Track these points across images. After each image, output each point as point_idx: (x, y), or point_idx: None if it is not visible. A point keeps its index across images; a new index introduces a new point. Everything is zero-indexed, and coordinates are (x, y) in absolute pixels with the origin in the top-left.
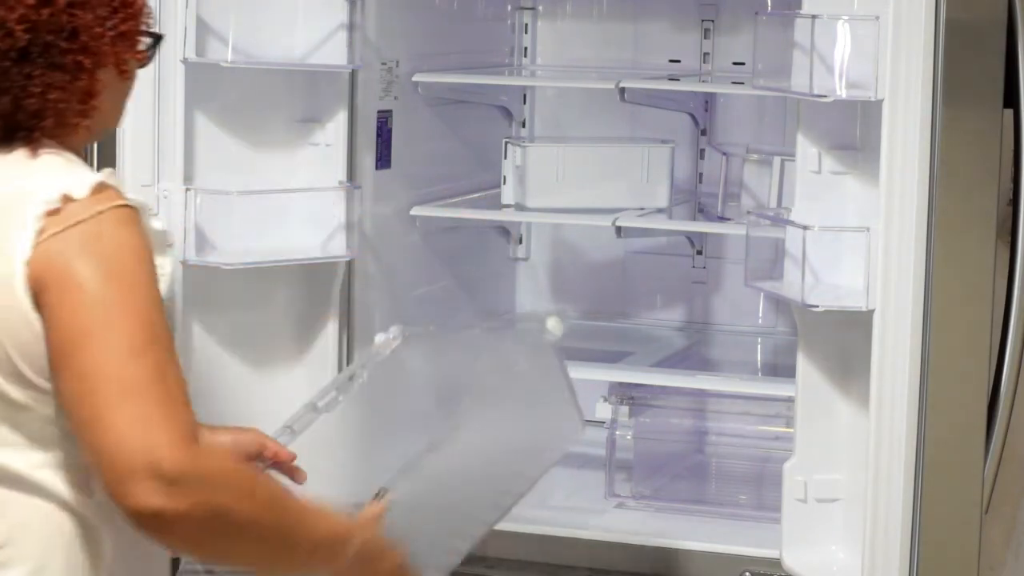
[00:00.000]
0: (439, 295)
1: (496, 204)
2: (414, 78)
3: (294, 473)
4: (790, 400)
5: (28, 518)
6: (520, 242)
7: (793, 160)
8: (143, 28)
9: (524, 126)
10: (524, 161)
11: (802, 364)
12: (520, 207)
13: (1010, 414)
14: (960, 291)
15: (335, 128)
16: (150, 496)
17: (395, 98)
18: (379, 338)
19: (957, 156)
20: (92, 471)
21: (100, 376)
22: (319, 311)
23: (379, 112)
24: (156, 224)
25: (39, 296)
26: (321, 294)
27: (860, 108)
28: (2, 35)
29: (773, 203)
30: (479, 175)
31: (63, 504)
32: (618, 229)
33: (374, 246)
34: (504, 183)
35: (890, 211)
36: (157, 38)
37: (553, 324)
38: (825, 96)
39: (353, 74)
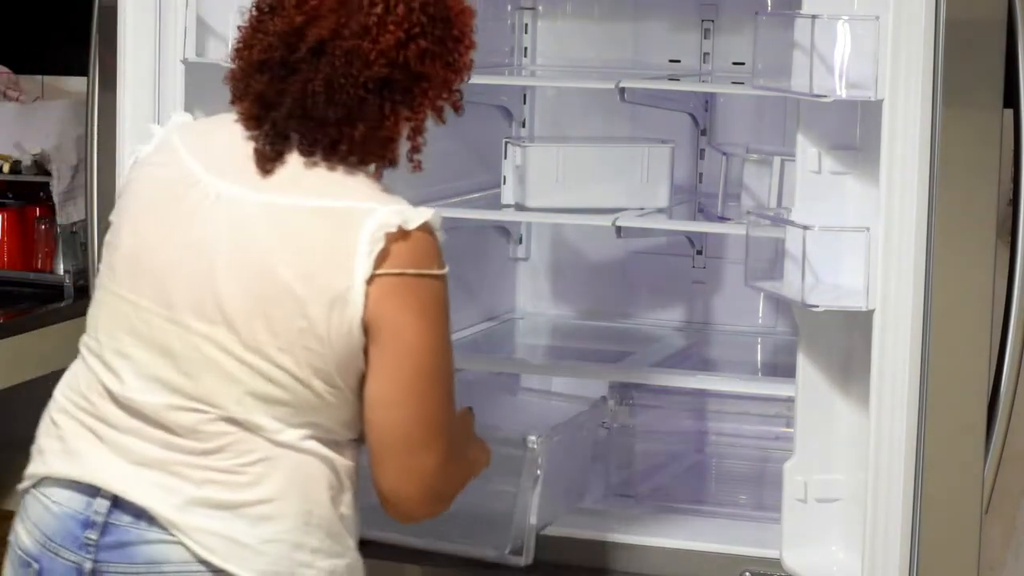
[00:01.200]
0: None
1: (496, 204)
2: None
3: None
4: (790, 400)
5: (294, 476)
6: (520, 242)
7: (793, 160)
8: (463, 80)
9: (524, 126)
10: (524, 161)
11: (802, 364)
12: (520, 207)
13: (1010, 414)
14: (960, 291)
15: None
16: (428, 510)
17: None
18: None
19: (957, 156)
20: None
21: (429, 412)
22: None
23: None
24: (442, 234)
25: (368, 325)
26: None
27: (860, 108)
28: (362, 65)
29: (773, 203)
30: (479, 175)
31: (324, 460)
32: (618, 229)
33: None
34: (504, 183)
35: (890, 211)
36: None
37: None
38: (825, 96)
39: None
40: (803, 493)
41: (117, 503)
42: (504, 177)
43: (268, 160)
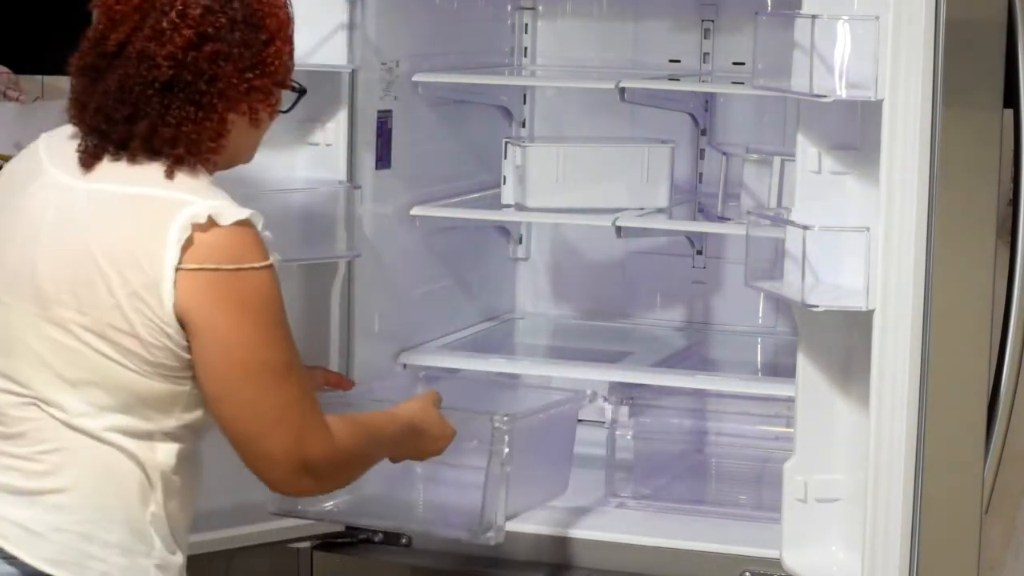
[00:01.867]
0: (439, 295)
1: (496, 204)
2: (414, 78)
3: (347, 387)
4: (790, 400)
5: (92, 469)
6: (520, 242)
7: (793, 160)
8: (281, 84)
9: (524, 126)
10: (524, 161)
11: (802, 364)
12: (520, 207)
13: (1010, 414)
14: (960, 291)
15: (335, 128)
16: (304, 487)
17: (395, 98)
18: None
19: (957, 156)
20: (252, 465)
21: (257, 403)
22: (319, 311)
23: (379, 112)
24: (267, 233)
25: (184, 319)
26: (321, 294)
27: (860, 108)
28: (149, 66)
29: (773, 203)
30: (479, 175)
31: (130, 456)
32: (618, 229)
33: (374, 246)
34: (504, 183)
35: (890, 211)
36: (300, 93)
37: None
38: (825, 96)
39: (353, 74)
40: (803, 493)
41: None
42: (504, 177)
43: (88, 156)
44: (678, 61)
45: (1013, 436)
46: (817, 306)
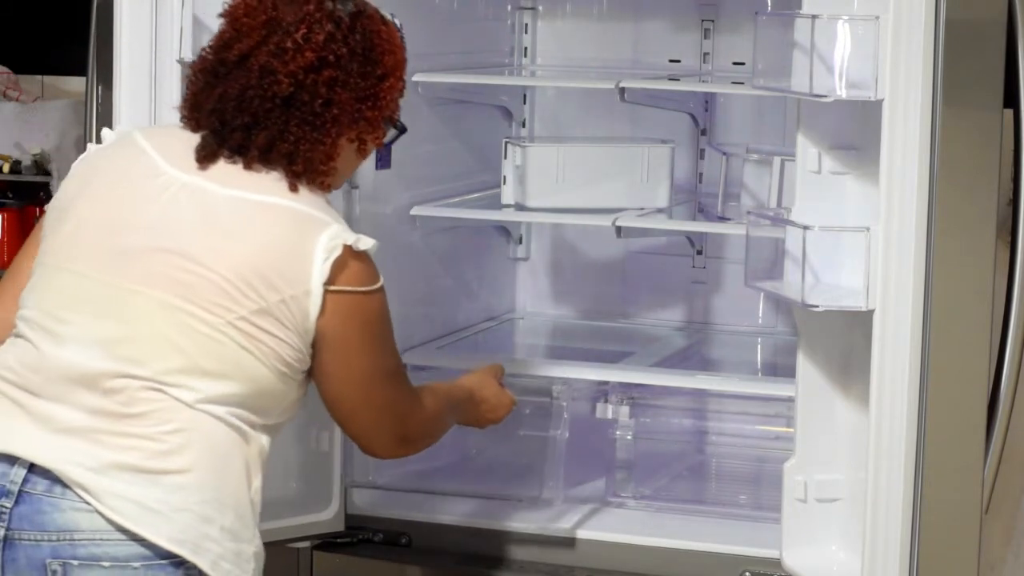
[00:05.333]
0: (439, 295)
1: (496, 204)
2: (414, 78)
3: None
4: (790, 400)
5: (211, 450)
6: (520, 242)
7: (793, 160)
8: (389, 120)
9: (524, 126)
10: (524, 161)
11: (802, 364)
12: (520, 207)
13: (1010, 414)
14: (960, 291)
15: None
16: (401, 453)
17: None
18: None
19: (957, 156)
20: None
21: (373, 400)
22: None
23: None
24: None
25: (320, 332)
26: None
27: (860, 108)
28: (270, 81)
29: (773, 203)
30: (479, 175)
31: (243, 436)
32: (618, 229)
33: None
34: (504, 183)
35: (890, 211)
36: (401, 131)
37: None
38: (825, 96)
39: None
40: (803, 493)
41: (33, 471)
42: (504, 177)
43: (205, 154)
44: (678, 61)
45: (1013, 436)
46: (817, 306)
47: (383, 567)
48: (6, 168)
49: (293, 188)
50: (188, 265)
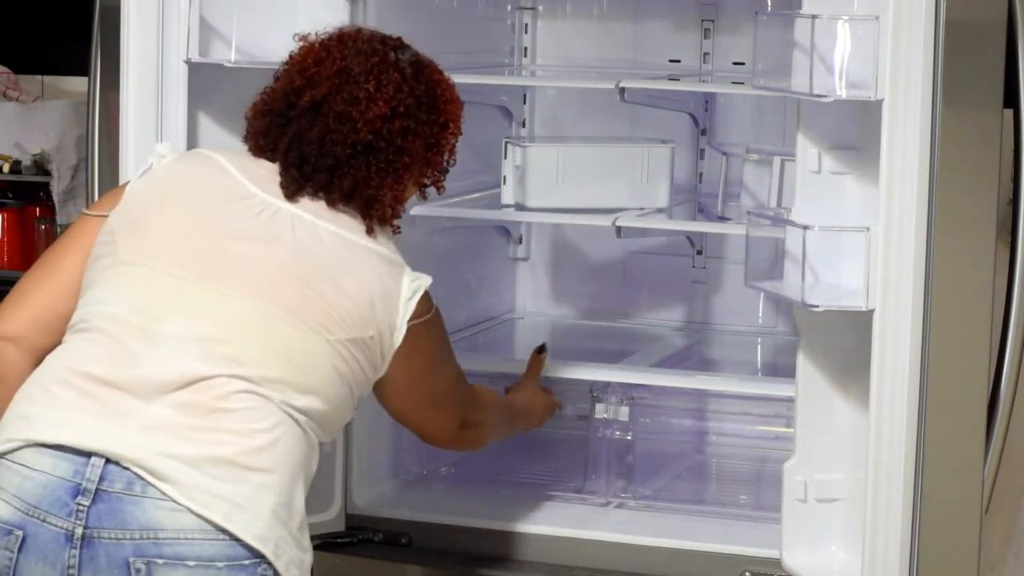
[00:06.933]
0: (439, 295)
1: (496, 204)
2: None
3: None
4: (790, 400)
5: (290, 452)
6: (520, 242)
7: (793, 160)
8: (447, 161)
9: (524, 126)
10: (524, 161)
11: (802, 364)
12: (520, 207)
13: (1010, 414)
14: (960, 291)
15: None
16: (451, 445)
17: None
18: None
19: (957, 156)
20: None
21: (439, 406)
22: None
23: None
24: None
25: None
26: None
27: (860, 108)
28: (350, 128)
29: (773, 203)
30: (479, 175)
31: (312, 447)
32: (618, 229)
33: None
34: (504, 183)
35: (890, 211)
36: (445, 171)
37: None
38: (825, 96)
39: None
40: (803, 493)
41: (112, 468)
42: (504, 177)
43: (291, 187)
44: (678, 61)
45: (1013, 436)
46: (817, 306)
47: (383, 567)
48: (6, 168)
49: (370, 231)
50: (296, 283)
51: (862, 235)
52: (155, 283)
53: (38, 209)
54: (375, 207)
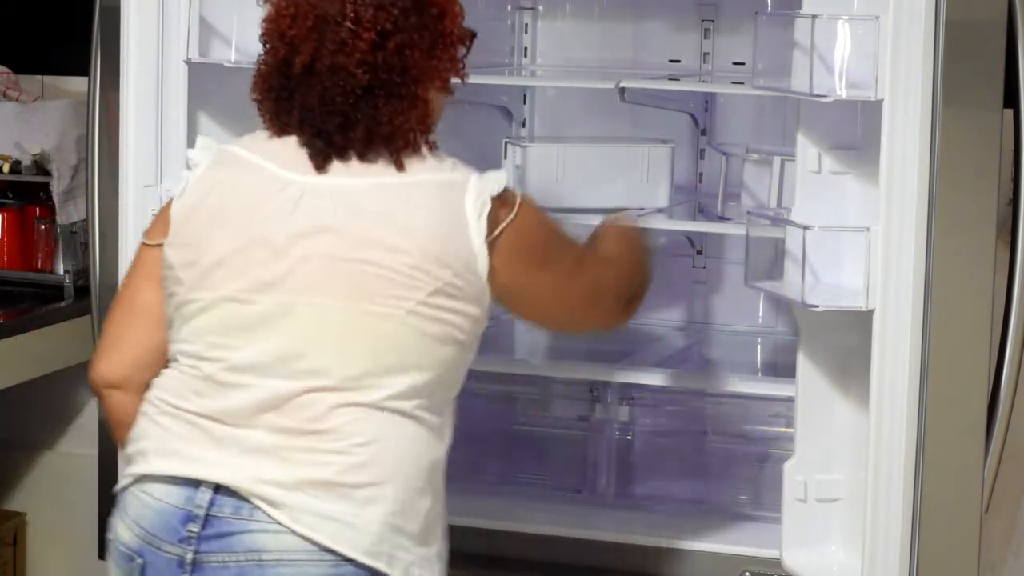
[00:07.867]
0: None
1: None
2: None
3: None
4: (790, 400)
5: (400, 458)
6: None
7: (793, 160)
8: (461, 43)
9: (524, 126)
10: (524, 161)
11: (802, 364)
12: None
13: (1010, 414)
14: (960, 291)
15: None
16: (621, 320)
17: None
18: None
19: (957, 156)
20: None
21: (585, 297)
22: None
23: None
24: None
25: (498, 280)
26: None
27: (860, 108)
28: (344, 76)
29: (773, 203)
30: None
31: (431, 430)
32: None
33: None
34: None
35: (890, 211)
36: (472, 36)
37: None
38: (825, 96)
39: None
40: (803, 493)
41: (220, 494)
42: None
43: (318, 158)
44: (678, 61)
45: (1013, 436)
46: (817, 306)
47: None
48: (6, 168)
49: (400, 167)
50: (352, 266)
51: (862, 235)
52: (221, 313)
53: (38, 209)
54: (397, 139)
